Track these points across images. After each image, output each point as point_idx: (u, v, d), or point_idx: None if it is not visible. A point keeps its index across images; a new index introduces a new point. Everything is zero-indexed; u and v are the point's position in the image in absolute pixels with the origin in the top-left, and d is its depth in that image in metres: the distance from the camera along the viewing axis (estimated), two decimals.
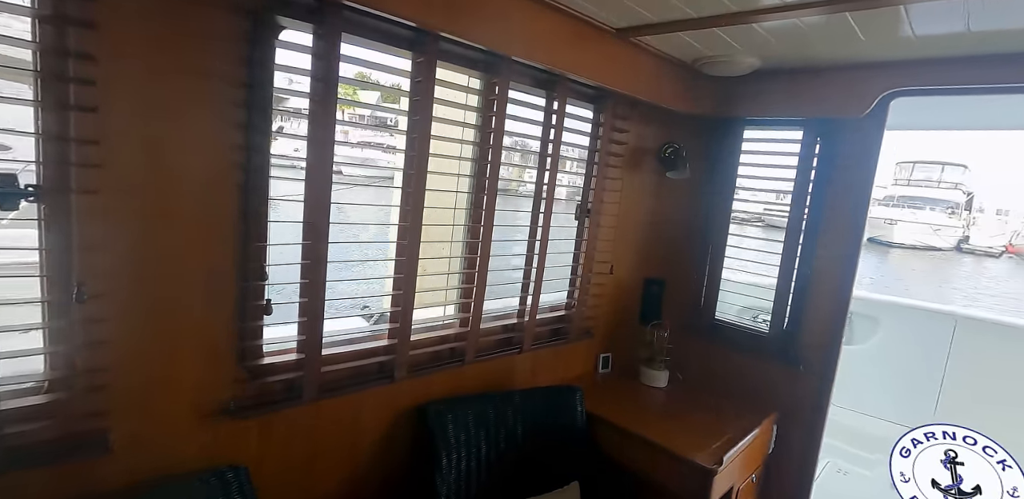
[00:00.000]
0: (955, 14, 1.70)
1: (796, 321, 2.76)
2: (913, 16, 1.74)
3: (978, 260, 27.74)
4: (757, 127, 2.87)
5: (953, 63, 2.14)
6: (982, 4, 1.59)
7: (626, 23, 2.09)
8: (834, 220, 2.63)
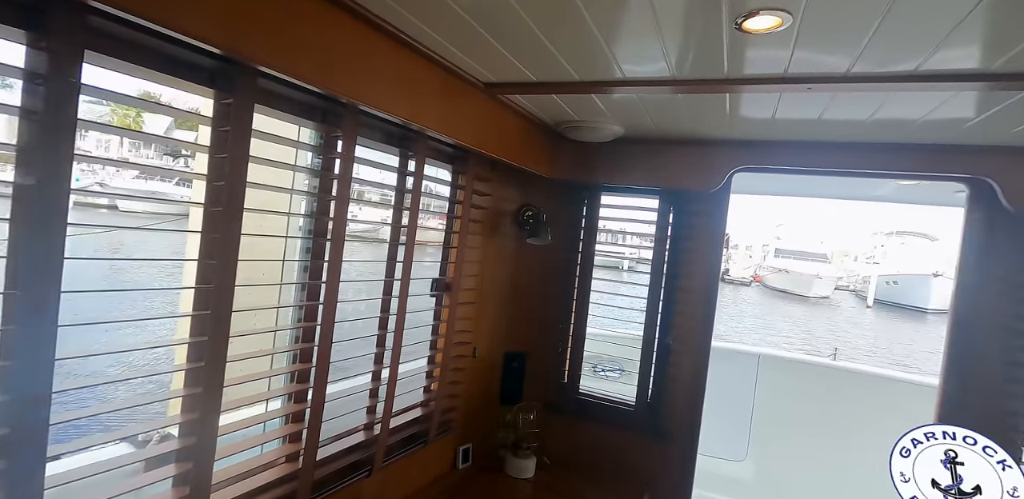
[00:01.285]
0: (808, 104, 1.76)
1: (660, 389, 2.67)
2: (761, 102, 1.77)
3: (736, 288, 34.00)
4: (615, 193, 2.81)
5: (794, 146, 2.29)
6: (824, 100, 1.66)
7: (499, 79, 1.79)
8: (689, 284, 2.62)
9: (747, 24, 1.17)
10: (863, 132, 2.02)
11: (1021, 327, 2.12)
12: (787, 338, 18.46)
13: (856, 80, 1.46)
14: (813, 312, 26.39)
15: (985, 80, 1.37)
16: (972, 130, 1.85)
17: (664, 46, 1.37)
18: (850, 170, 2.25)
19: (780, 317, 23.74)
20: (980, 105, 1.60)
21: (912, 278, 29.20)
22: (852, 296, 35.26)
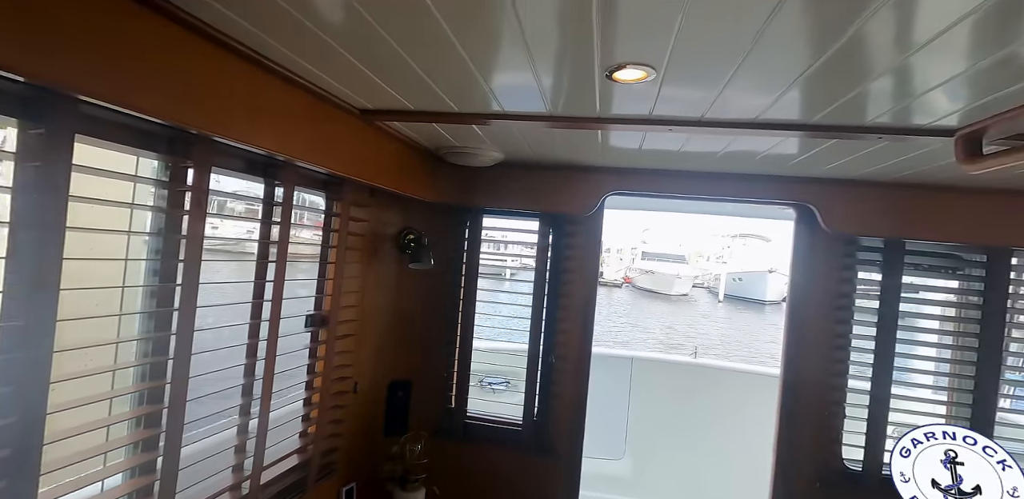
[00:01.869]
0: (670, 140, 1.91)
1: (546, 406, 2.74)
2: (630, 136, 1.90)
3: (609, 290, 36.38)
4: (496, 216, 2.83)
5: (661, 174, 2.48)
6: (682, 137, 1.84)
7: (376, 106, 1.71)
8: (569, 301, 2.72)
9: (617, 75, 1.24)
10: (715, 163, 2.26)
11: (840, 316, 2.51)
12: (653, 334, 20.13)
13: (709, 125, 1.61)
14: (675, 309, 29.10)
15: (805, 130, 1.59)
16: (798, 165, 2.14)
17: (541, 87, 1.40)
18: (704, 196, 2.50)
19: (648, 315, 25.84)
20: (802, 147, 1.86)
21: (753, 274, 33.47)
22: (706, 292, 39.47)
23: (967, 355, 2.46)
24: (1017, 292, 2.46)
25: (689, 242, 46.15)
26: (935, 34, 0.93)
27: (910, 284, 2.50)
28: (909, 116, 1.42)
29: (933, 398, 2.56)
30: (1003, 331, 2.39)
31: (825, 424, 2.52)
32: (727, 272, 37.16)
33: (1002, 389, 2.45)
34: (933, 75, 1.13)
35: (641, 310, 27.67)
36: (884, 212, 2.33)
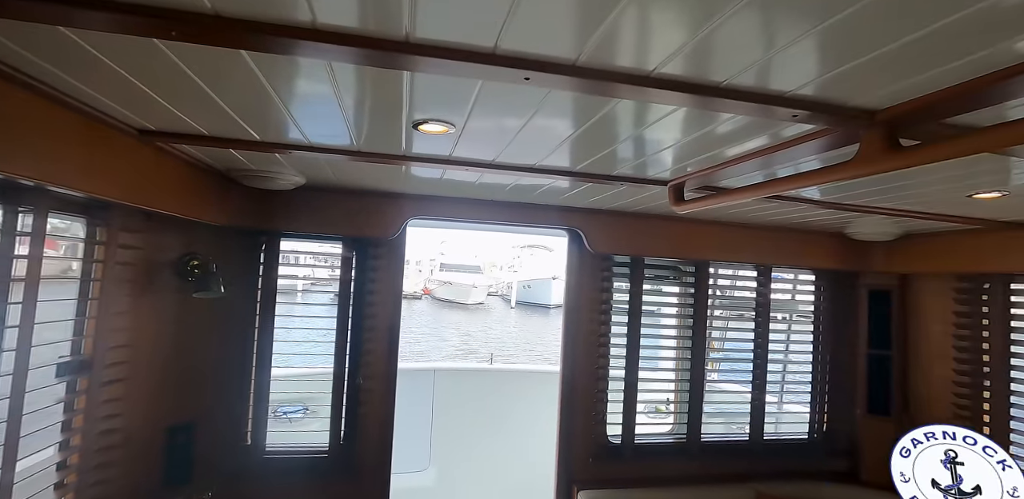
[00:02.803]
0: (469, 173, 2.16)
1: (352, 428, 2.73)
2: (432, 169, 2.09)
3: (410, 302, 36.42)
4: (296, 239, 2.75)
5: (459, 201, 2.73)
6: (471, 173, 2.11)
7: (160, 128, 1.58)
8: (374, 322, 2.78)
9: (422, 127, 1.41)
10: (506, 194, 2.58)
11: (602, 318, 3.07)
12: (451, 342, 20.84)
13: (498, 167, 1.89)
14: (472, 317, 30.56)
15: (571, 176, 1.99)
16: (569, 198, 2.59)
17: (351, 129, 1.49)
18: (495, 221, 2.83)
19: (447, 324, 26.62)
20: (572, 185, 2.28)
21: (539, 281, 37.08)
22: (501, 300, 42.33)
23: (685, 342, 3.24)
24: (715, 293, 3.33)
25: (484, 253, 48.90)
26: (659, 117, 1.31)
27: (649, 290, 3.20)
28: (641, 170, 1.90)
29: (665, 378, 3.30)
30: (706, 322, 3.22)
31: (594, 409, 3.05)
32: (518, 280, 40.41)
33: (707, 365, 3.29)
34: (656, 144, 1.56)
35: (440, 320, 28.35)
36: (630, 235, 2.95)
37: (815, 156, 1.54)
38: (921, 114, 1.13)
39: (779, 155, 1.51)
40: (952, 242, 2.87)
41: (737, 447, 3.31)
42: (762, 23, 0.82)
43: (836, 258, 3.26)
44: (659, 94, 1.07)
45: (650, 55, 0.95)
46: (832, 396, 3.44)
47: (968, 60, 0.91)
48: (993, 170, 1.62)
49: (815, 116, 1.16)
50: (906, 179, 1.79)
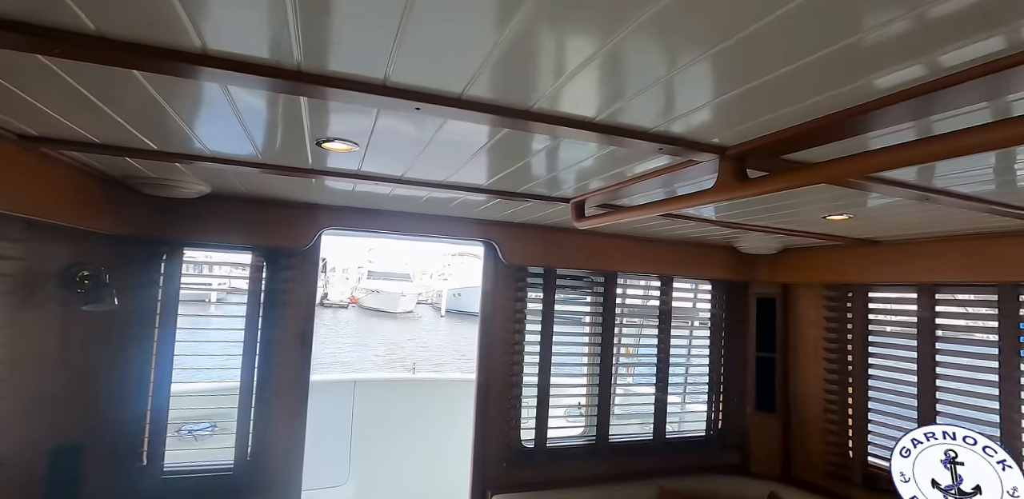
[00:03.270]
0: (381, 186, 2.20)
1: (261, 442, 2.66)
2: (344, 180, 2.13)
3: (335, 312, 35.17)
4: (202, 248, 2.66)
5: (374, 213, 2.75)
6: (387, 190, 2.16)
7: (44, 134, 1.51)
8: (285, 334, 2.73)
9: (326, 144, 1.45)
10: (421, 206, 2.64)
11: (517, 327, 3.19)
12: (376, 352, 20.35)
13: (408, 182, 1.96)
14: (401, 326, 29.99)
15: (480, 192, 2.09)
16: (484, 211, 2.69)
17: (254, 144, 1.51)
18: (411, 233, 2.87)
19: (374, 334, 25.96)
20: (485, 200, 2.38)
21: (469, 290, 37.01)
22: (430, 308, 41.82)
23: (595, 349, 3.43)
24: (623, 302, 3.55)
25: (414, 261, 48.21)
26: (555, 142, 1.43)
27: (561, 299, 3.36)
28: (546, 188, 2.03)
29: (577, 383, 3.46)
30: (614, 329, 3.43)
31: (508, 414, 3.15)
32: (448, 288, 40.13)
33: (624, 370, 3.50)
34: (559, 163, 1.69)
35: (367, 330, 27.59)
36: (543, 248, 3.10)
37: (694, 181, 1.73)
38: (766, 150, 1.32)
39: (663, 178, 1.69)
40: (821, 256, 3.25)
41: (642, 446, 3.53)
42: (625, 71, 0.96)
43: (729, 269, 3.59)
44: (538, 127, 1.19)
45: (532, 93, 1.06)
46: (727, 395, 3.75)
47: (818, 99, 1.03)
48: (839, 196, 1.88)
49: (678, 150, 1.33)
50: (775, 201, 2.05)
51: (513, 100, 1.10)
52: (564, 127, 1.19)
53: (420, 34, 0.84)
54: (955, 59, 0.84)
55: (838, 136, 1.20)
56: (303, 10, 0.78)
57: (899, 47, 0.81)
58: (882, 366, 3.14)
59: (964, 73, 0.88)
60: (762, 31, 0.78)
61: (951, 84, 0.90)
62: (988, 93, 0.94)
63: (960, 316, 2.81)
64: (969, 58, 0.83)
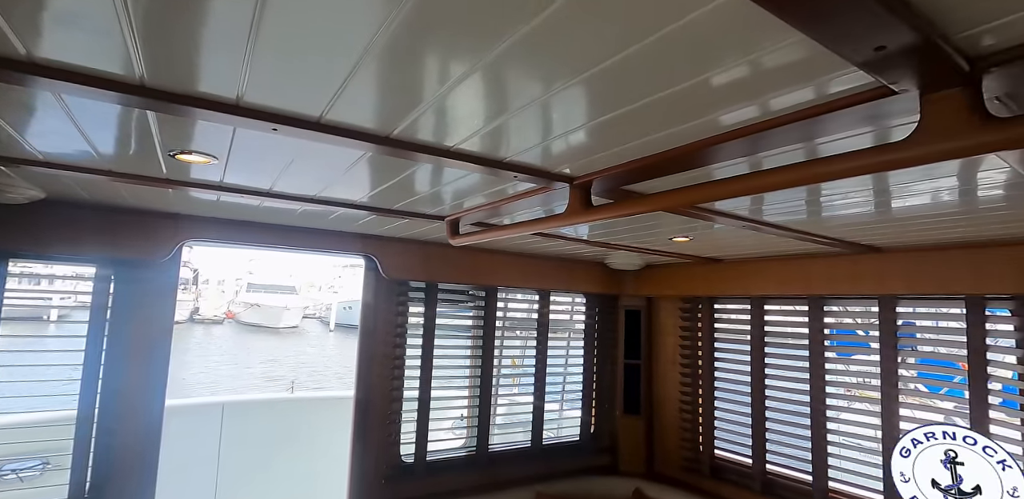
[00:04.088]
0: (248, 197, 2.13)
1: (103, 477, 2.39)
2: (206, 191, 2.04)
3: (208, 328, 32.00)
4: (31, 260, 2.36)
5: (243, 225, 2.62)
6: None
7: None
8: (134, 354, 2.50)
9: (180, 156, 1.40)
10: (296, 219, 2.58)
11: (398, 341, 3.18)
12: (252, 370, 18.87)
13: (277, 196, 1.92)
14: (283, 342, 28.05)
15: (354, 207, 2.11)
16: (364, 225, 2.69)
17: (95, 149, 1.41)
18: (285, 246, 2.78)
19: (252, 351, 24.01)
20: (364, 215, 2.39)
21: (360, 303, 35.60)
22: (318, 322, 39.57)
23: (476, 361, 3.52)
24: (505, 315, 3.69)
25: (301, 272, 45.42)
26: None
27: (442, 313, 3.42)
28: (420, 205, 2.09)
29: (459, 395, 3.53)
30: (494, 342, 3.55)
31: (388, 430, 3.12)
32: (338, 301, 38.28)
33: (498, 381, 3.61)
34: (429, 184, 1.76)
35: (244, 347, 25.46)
36: (424, 263, 3.14)
37: (554, 205, 1.90)
38: (612, 180, 1.51)
39: (525, 201, 1.83)
40: (676, 272, 3.64)
41: (521, 453, 3.66)
42: (477, 107, 1.06)
43: (601, 284, 3.88)
44: (399, 152, 1.26)
45: (391, 120, 1.13)
46: (599, 401, 4.02)
47: (660, 135, 1.15)
48: (680, 221, 2.16)
49: (532, 178, 1.47)
50: (632, 224, 2.29)
51: (372, 126, 1.16)
52: (424, 154, 1.27)
53: (272, 59, 0.88)
54: (781, 103, 0.98)
55: (682, 168, 1.38)
56: (140, 27, 0.78)
57: (735, 89, 0.92)
58: (724, 368, 3.58)
59: (786, 116, 1.03)
60: (606, 73, 0.88)
61: (777, 125, 1.05)
62: (802, 136, 1.11)
63: (782, 324, 3.30)
64: (791, 103, 0.98)
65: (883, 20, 0.66)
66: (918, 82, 0.83)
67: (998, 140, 0.79)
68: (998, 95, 0.88)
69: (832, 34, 0.69)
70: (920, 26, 0.69)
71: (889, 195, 1.62)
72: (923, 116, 0.86)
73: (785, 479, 3.21)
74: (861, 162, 0.94)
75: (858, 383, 3.37)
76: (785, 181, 1.07)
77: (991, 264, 2.31)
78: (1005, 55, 0.77)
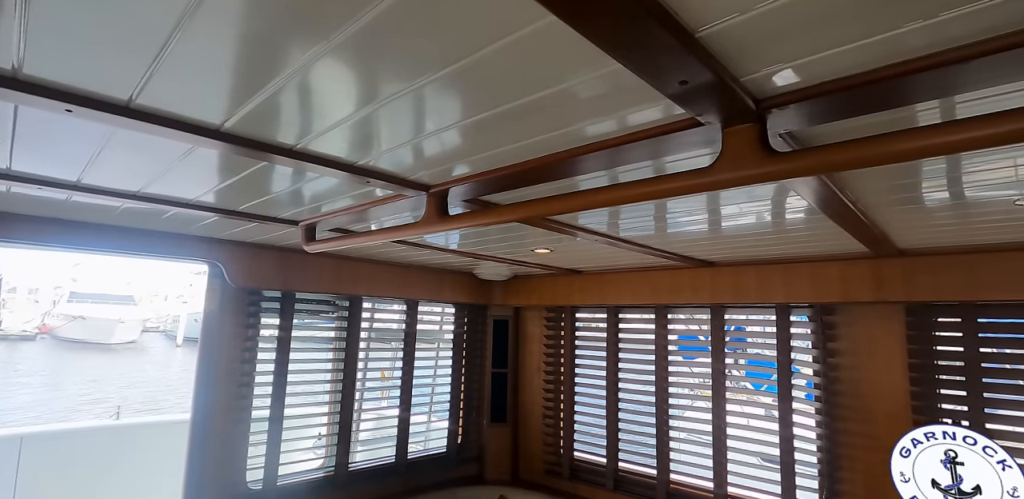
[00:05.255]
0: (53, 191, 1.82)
1: None
2: None
3: (13, 345, 26.69)
4: None
5: (51, 222, 2.23)
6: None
7: None
8: None
9: None
10: (119, 218, 2.24)
11: (247, 356, 2.91)
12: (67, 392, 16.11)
13: (87, 190, 1.66)
14: (116, 360, 24.26)
15: (187, 207, 1.89)
16: (207, 228, 2.42)
17: None
18: (107, 249, 2.41)
19: (73, 372, 20.44)
20: (205, 216, 2.14)
21: None
22: (163, 336, 34.92)
23: (338, 375, 3.33)
24: (371, 326, 3.54)
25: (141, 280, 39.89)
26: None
27: (300, 324, 3.19)
28: (271, 208, 1.93)
29: (318, 412, 3.30)
30: (358, 354, 3.39)
31: (231, 453, 2.82)
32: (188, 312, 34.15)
33: (362, 395, 3.44)
34: (274, 186, 1.63)
35: (63, 367, 21.60)
36: (279, 270, 2.91)
37: (412, 213, 1.86)
38: (470, 190, 1.51)
39: (381, 208, 1.78)
40: (542, 283, 3.79)
41: (385, 470, 3.52)
42: (320, 103, 0.99)
43: (470, 294, 3.90)
44: (235, 149, 1.15)
45: (224, 111, 1.02)
46: (467, 411, 4.02)
47: (517, 145, 1.16)
48: (540, 234, 2.24)
49: (386, 184, 1.43)
50: (497, 235, 2.32)
51: (197, 116, 1.05)
52: (262, 152, 1.18)
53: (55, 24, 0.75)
54: (636, 120, 1.02)
55: (538, 180, 1.42)
56: None
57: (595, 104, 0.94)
58: (583, 374, 3.78)
59: (639, 133, 1.08)
60: (449, 79, 0.86)
61: (625, 142, 1.10)
62: (651, 153, 1.18)
63: (633, 331, 3.57)
64: (642, 121, 1.03)
65: (683, 57, 0.74)
66: (720, 116, 0.95)
67: (776, 171, 0.92)
68: (781, 132, 1.03)
69: (641, 64, 0.76)
70: (715, 67, 0.79)
71: (720, 215, 1.83)
72: (723, 146, 0.98)
73: (634, 475, 3.45)
74: (674, 184, 1.04)
75: (699, 383, 3.76)
76: (616, 198, 1.16)
77: (797, 277, 2.71)
78: (781, 99, 0.91)
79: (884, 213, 1.69)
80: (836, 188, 1.41)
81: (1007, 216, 1.65)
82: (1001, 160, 1.20)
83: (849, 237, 1.99)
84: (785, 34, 0.73)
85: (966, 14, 0.67)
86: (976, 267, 2.22)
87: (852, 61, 0.79)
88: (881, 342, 2.64)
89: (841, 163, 0.90)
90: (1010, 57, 0.72)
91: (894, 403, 2.57)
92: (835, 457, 2.71)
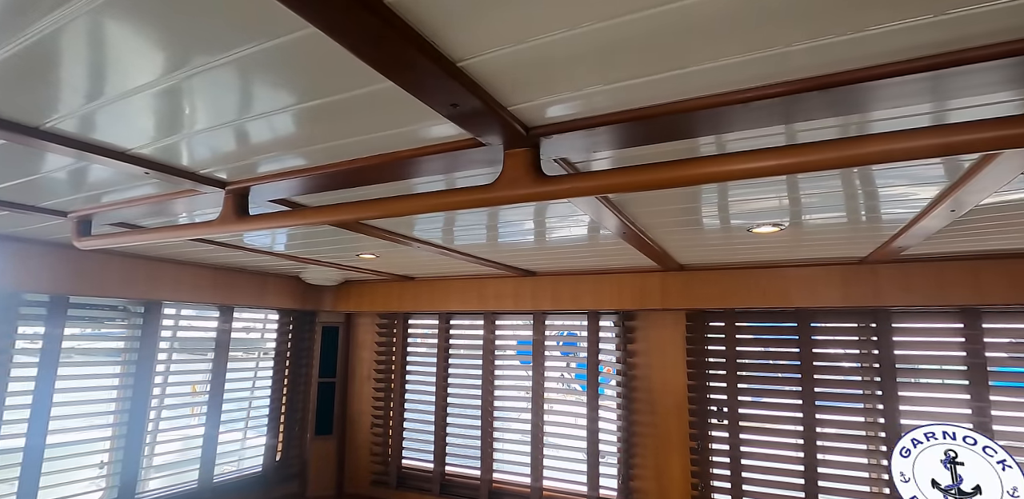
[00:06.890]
0: None
1: None
2: None
3: None
4: None
5: None
6: None
7: None
8: None
9: None
10: None
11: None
12: None
13: None
14: None
15: None
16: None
17: None
18: None
19: None
20: None
21: None
22: None
23: (127, 391, 2.89)
24: (174, 336, 3.14)
25: None
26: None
27: (78, 334, 2.71)
28: (27, 196, 1.63)
29: (98, 436, 2.80)
30: (154, 367, 2.98)
31: None
32: None
33: (160, 414, 3.02)
34: (25, 170, 1.37)
35: None
36: (50, 269, 2.45)
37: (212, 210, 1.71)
38: (273, 190, 1.43)
39: (170, 204, 1.60)
40: (375, 288, 3.72)
41: (184, 497, 3.13)
42: (80, 66, 0.86)
43: (295, 299, 3.67)
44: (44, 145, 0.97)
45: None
46: (288, 425, 3.75)
47: (331, 145, 1.12)
48: (366, 241, 2.20)
49: (168, 177, 1.30)
50: (321, 238, 2.22)
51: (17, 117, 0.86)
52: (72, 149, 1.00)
53: None
54: (432, 133, 1.04)
55: (348, 184, 1.37)
56: None
57: None
58: (414, 381, 3.78)
59: (432, 147, 1.11)
60: (254, 57, 0.78)
61: (424, 154, 1.12)
62: (444, 167, 1.22)
63: (463, 337, 3.67)
64: (437, 136, 1.06)
65: (447, 83, 0.80)
66: (501, 138, 1.04)
67: (542, 192, 1.04)
68: (555, 158, 1.16)
69: (410, 84, 0.80)
70: (481, 95, 0.86)
71: (545, 227, 1.98)
72: (503, 166, 1.07)
73: (460, 478, 3.53)
74: (459, 198, 1.12)
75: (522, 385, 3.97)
76: (408, 208, 1.20)
77: (605, 287, 3.03)
78: (551, 128, 1.02)
79: (659, 233, 1.98)
80: (616, 210, 1.61)
81: (746, 240, 2.04)
82: (740, 195, 1.48)
83: (640, 253, 2.29)
84: (550, 69, 0.81)
85: (712, 68, 0.78)
86: (734, 280, 2.70)
87: (627, 96, 0.89)
88: (669, 344, 3.06)
89: (602, 188, 1.03)
90: (762, 106, 0.85)
91: (676, 396, 3.00)
92: (631, 445, 3.07)
